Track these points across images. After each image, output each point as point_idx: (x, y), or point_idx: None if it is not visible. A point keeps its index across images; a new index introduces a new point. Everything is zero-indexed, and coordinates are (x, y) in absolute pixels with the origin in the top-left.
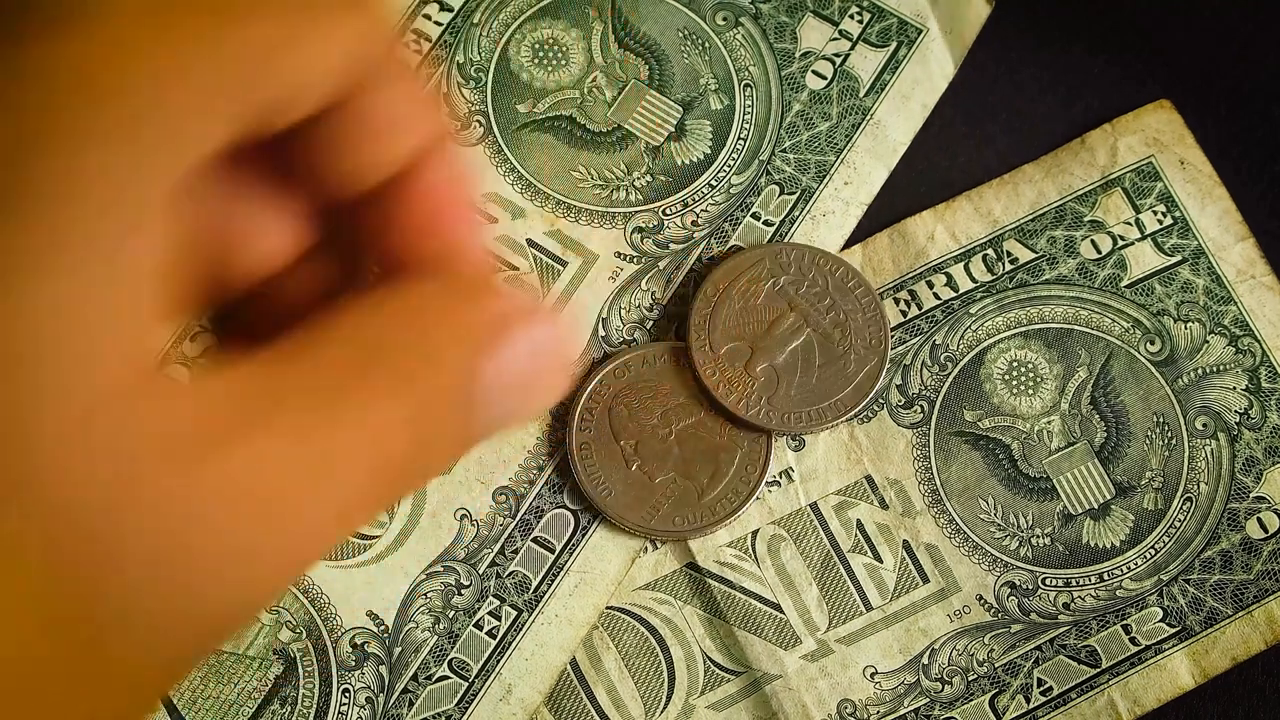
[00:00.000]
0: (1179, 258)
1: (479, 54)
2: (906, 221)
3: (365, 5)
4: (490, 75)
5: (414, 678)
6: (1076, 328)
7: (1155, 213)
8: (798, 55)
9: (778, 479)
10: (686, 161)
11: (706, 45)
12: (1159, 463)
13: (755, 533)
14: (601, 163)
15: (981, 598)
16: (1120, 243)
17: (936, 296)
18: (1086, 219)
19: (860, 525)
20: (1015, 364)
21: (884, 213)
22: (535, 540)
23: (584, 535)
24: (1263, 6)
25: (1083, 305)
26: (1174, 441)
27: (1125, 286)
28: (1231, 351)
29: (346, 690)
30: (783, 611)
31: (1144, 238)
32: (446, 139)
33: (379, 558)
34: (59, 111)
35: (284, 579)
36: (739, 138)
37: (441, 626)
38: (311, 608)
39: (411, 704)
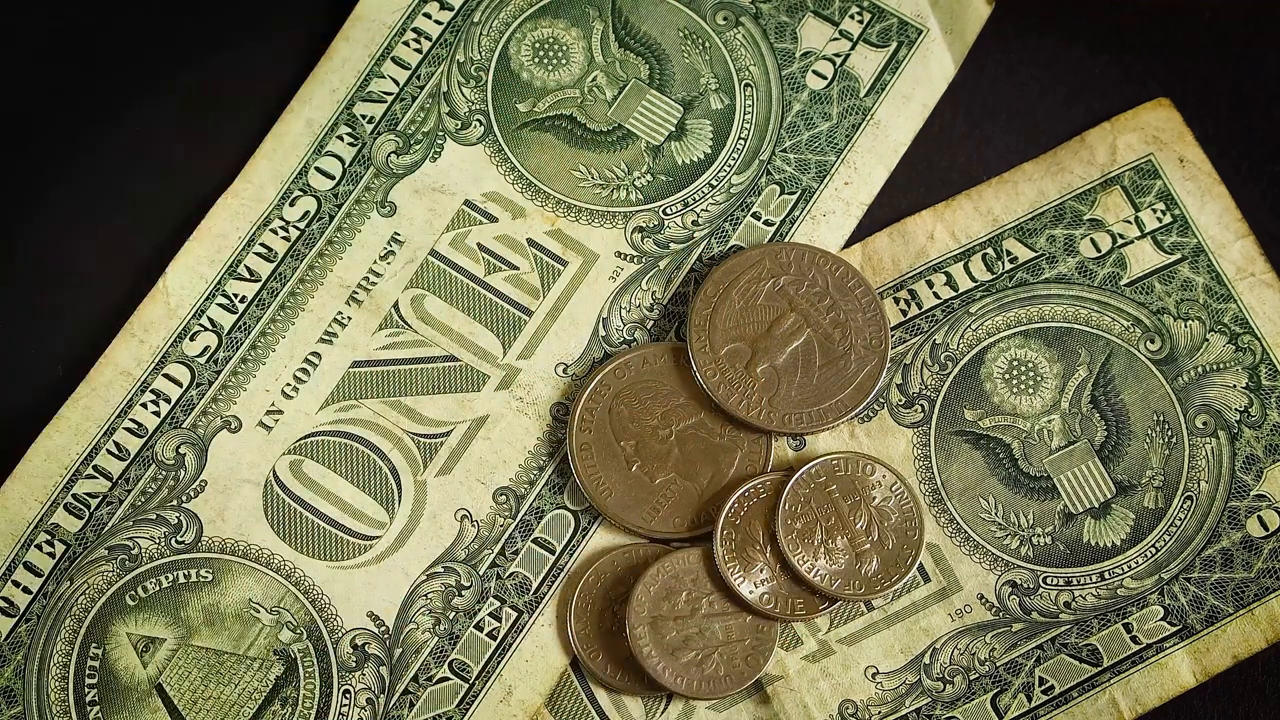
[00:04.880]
0: (1178, 255)
1: (479, 53)
2: (906, 221)
3: None
4: (490, 74)
5: (414, 679)
6: (1076, 326)
7: (1155, 211)
8: (798, 55)
9: None
10: (687, 161)
11: (707, 45)
12: (1159, 461)
13: None
14: (602, 162)
15: (983, 597)
16: (1120, 241)
17: (936, 296)
18: (1086, 217)
19: None
20: (1015, 363)
21: (884, 213)
22: (536, 541)
23: (584, 536)
24: (1263, 6)
25: (1082, 304)
26: (1174, 440)
27: (1125, 285)
28: (1231, 349)
29: (347, 691)
30: None
31: (1143, 236)
32: None
33: (379, 558)
34: None
35: None
36: (739, 137)
37: (442, 628)
38: (312, 608)
39: (412, 705)
